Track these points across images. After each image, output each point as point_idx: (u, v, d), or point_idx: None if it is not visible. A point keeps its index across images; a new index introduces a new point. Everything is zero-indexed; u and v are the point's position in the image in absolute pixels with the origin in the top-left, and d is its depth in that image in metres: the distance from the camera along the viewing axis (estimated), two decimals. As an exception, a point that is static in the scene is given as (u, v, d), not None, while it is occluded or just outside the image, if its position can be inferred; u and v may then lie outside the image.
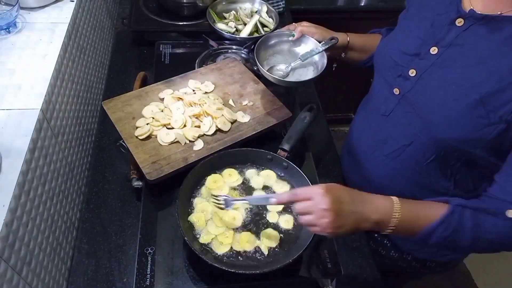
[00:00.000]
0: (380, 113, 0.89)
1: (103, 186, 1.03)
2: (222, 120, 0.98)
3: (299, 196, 0.69)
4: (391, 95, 0.86)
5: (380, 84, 0.91)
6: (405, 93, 0.82)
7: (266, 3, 1.48)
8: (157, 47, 1.29)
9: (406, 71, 0.81)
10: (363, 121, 0.99)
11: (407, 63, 0.81)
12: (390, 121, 0.87)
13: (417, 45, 0.80)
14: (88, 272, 0.88)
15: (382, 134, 0.90)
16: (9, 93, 0.86)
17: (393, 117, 0.86)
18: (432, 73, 0.77)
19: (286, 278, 0.80)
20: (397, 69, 0.83)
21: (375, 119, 0.92)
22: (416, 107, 0.80)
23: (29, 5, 1.07)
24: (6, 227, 0.66)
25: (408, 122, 0.82)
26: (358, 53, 1.04)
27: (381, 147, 0.90)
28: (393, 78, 0.85)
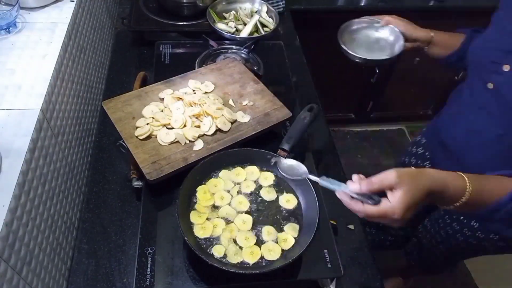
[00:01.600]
0: (476, 106, 0.95)
1: (103, 186, 1.03)
2: (222, 120, 0.98)
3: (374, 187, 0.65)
4: (485, 89, 0.92)
5: (474, 79, 0.97)
6: (499, 86, 0.88)
7: (266, 3, 1.47)
8: (157, 47, 1.29)
9: (500, 67, 0.87)
10: (456, 114, 1.05)
11: (501, 59, 0.87)
12: (485, 113, 0.93)
13: (511, 42, 0.86)
14: (88, 272, 0.88)
15: (478, 125, 0.95)
16: (9, 93, 0.86)
17: (488, 108, 0.92)
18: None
19: (286, 278, 0.80)
20: (491, 65, 0.89)
21: (469, 111, 0.98)
22: (509, 100, 0.86)
23: (29, 5, 1.07)
24: (6, 227, 0.66)
25: (503, 114, 0.89)
26: (440, 48, 1.10)
27: (479, 137, 0.96)
28: (487, 73, 0.91)
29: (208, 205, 0.86)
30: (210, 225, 0.82)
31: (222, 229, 0.82)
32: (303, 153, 1.04)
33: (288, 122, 1.07)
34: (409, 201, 0.64)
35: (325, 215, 0.89)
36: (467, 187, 0.69)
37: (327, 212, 0.90)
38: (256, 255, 0.79)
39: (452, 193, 0.69)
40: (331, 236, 0.87)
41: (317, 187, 0.91)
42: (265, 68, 1.25)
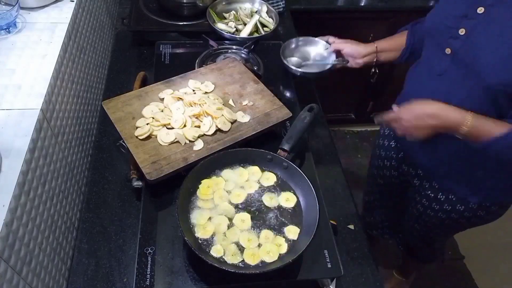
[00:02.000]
0: (435, 74, 0.98)
1: (103, 186, 1.03)
2: (222, 120, 0.98)
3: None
4: (443, 55, 0.95)
5: (432, 48, 1.00)
6: (456, 50, 0.91)
7: (266, 3, 1.48)
8: (157, 47, 1.29)
9: (456, 32, 0.91)
10: (417, 85, 1.08)
11: (456, 24, 0.91)
12: (445, 79, 0.96)
13: (464, 7, 0.90)
14: (88, 272, 0.88)
15: (439, 92, 0.97)
16: (9, 93, 0.86)
17: (447, 75, 0.95)
18: (480, 30, 0.87)
19: (286, 278, 0.80)
20: (448, 31, 0.93)
21: (429, 80, 1.01)
22: (468, 62, 0.89)
23: (29, 5, 1.07)
24: (6, 227, 0.66)
25: (462, 78, 0.92)
26: (388, 53, 1.20)
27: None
28: (444, 39, 0.94)
29: (208, 199, 0.87)
30: (211, 225, 0.82)
31: (223, 229, 0.82)
32: (303, 153, 1.05)
33: (288, 122, 1.07)
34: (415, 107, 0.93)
35: (325, 215, 0.89)
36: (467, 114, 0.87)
37: (327, 212, 0.90)
38: (257, 257, 0.79)
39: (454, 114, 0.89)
40: (331, 236, 0.87)
41: (317, 187, 0.91)
42: (265, 68, 1.25)
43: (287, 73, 1.28)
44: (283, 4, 1.63)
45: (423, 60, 1.06)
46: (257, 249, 0.80)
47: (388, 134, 1.29)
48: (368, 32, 1.95)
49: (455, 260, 2.05)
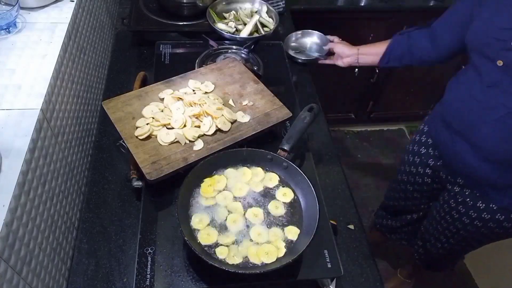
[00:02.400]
0: (486, 85, 0.98)
1: (103, 186, 1.03)
2: (222, 120, 0.98)
3: None
4: (494, 67, 0.94)
5: (480, 60, 0.99)
6: (509, 63, 0.91)
7: (266, 3, 1.48)
8: (157, 47, 1.29)
9: (508, 44, 0.90)
10: (463, 95, 1.06)
11: (509, 37, 0.90)
12: (497, 90, 0.95)
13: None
14: (88, 272, 0.88)
15: (491, 102, 0.97)
16: (9, 93, 0.86)
17: (500, 85, 0.95)
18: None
19: (286, 278, 0.80)
20: (498, 44, 0.92)
21: (478, 91, 1.00)
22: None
23: (29, 5, 1.07)
24: (6, 227, 0.66)
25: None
26: (369, 56, 1.31)
27: (491, 113, 0.98)
28: (495, 52, 0.94)
29: (210, 197, 0.87)
30: (212, 228, 0.82)
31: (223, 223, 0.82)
32: (303, 153, 1.05)
33: (288, 122, 1.07)
34: None
35: (325, 215, 0.89)
36: None
37: (327, 212, 0.90)
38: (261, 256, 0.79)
39: None
40: (331, 236, 0.87)
41: (317, 187, 0.91)
42: (265, 68, 1.24)
43: (287, 72, 1.29)
44: (283, 4, 1.63)
45: (469, 70, 1.05)
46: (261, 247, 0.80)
47: (424, 141, 1.28)
48: (368, 32, 1.96)
49: (455, 260, 2.05)
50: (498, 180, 1.04)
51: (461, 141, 1.07)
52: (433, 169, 1.26)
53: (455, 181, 1.17)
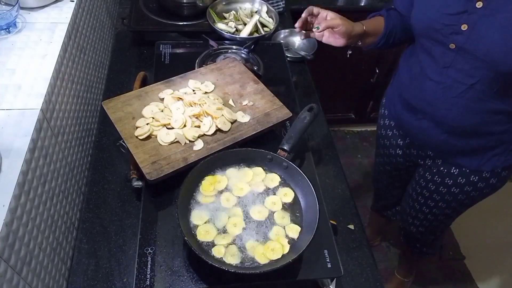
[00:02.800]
0: (440, 67, 0.99)
1: (103, 186, 1.03)
2: (222, 120, 0.98)
3: None
4: (447, 50, 0.96)
5: (431, 44, 1.00)
6: (461, 45, 0.93)
7: (266, 3, 1.48)
8: (157, 47, 1.29)
9: (458, 27, 0.92)
10: (418, 76, 1.08)
11: (456, 21, 0.92)
12: (452, 70, 0.97)
13: (461, 4, 0.91)
14: (88, 272, 0.88)
15: (447, 81, 0.99)
16: (9, 93, 0.86)
17: (455, 66, 0.97)
18: (483, 22, 0.88)
19: (286, 278, 0.80)
20: (448, 28, 0.94)
21: (434, 72, 1.01)
22: (477, 53, 0.91)
23: (29, 5, 1.07)
24: (6, 227, 0.66)
25: (472, 66, 0.93)
26: (371, 38, 1.15)
27: (448, 91, 1.00)
28: (445, 36, 0.95)
29: (210, 195, 0.87)
30: (212, 226, 0.82)
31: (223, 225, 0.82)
32: (303, 153, 1.05)
33: (288, 122, 1.07)
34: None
35: (325, 215, 0.89)
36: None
37: (327, 212, 0.90)
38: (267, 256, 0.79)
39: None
40: (331, 236, 0.87)
41: (317, 187, 0.91)
42: (265, 68, 1.24)
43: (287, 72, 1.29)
44: (283, 4, 1.63)
45: (420, 52, 1.06)
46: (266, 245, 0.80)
47: (388, 124, 1.31)
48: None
49: (455, 260, 2.05)
50: (465, 147, 1.08)
51: (424, 119, 1.10)
52: (403, 148, 1.28)
53: (426, 154, 1.21)
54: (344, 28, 1.03)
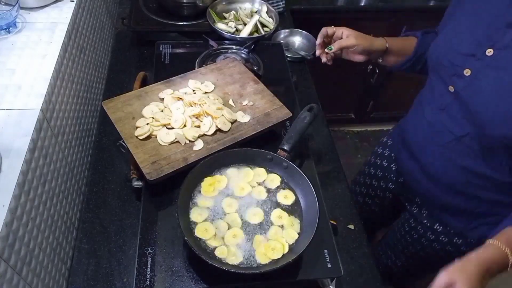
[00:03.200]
0: (437, 107, 0.94)
1: (103, 186, 1.03)
2: (222, 120, 0.98)
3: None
4: (446, 92, 0.90)
5: (435, 80, 0.95)
6: (459, 90, 0.86)
7: (266, 3, 1.48)
8: (157, 47, 1.29)
9: (461, 70, 0.85)
10: (418, 115, 1.03)
11: (462, 63, 0.85)
12: (446, 114, 0.92)
13: (473, 46, 0.83)
14: (88, 272, 0.88)
15: (439, 126, 0.94)
16: (9, 93, 0.86)
17: (449, 111, 0.91)
18: (487, 74, 0.81)
19: (286, 278, 0.80)
20: (452, 68, 0.87)
21: (430, 112, 0.97)
22: (470, 104, 0.84)
23: (29, 5, 1.07)
24: (6, 227, 0.66)
25: (463, 116, 0.88)
26: (395, 57, 1.07)
27: (438, 137, 0.95)
28: (448, 76, 0.89)
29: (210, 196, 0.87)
30: (212, 226, 0.82)
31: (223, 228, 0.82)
32: (303, 153, 1.05)
33: (288, 122, 1.07)
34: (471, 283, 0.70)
35: (325, 215, 0.89)
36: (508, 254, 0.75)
37: (327, 212, 0.90)
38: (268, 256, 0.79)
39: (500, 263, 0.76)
40: (331, 236, 0.87)
41: (317, 187, 0.91)
42: (265, 68, 1.25)
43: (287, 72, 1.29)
44: (283, 4, 1.63)
45: (427, 89, 1.02)
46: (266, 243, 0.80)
47: (388, 155, 1.23)
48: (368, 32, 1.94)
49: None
50: (452, 204, 1.01)
51: (413, 160, 1.05)
52: (396, 185, 1.22)
53: (413, 200, 1.14)
54: (360, 48, 1.01)
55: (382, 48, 1.04)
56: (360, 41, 1.00)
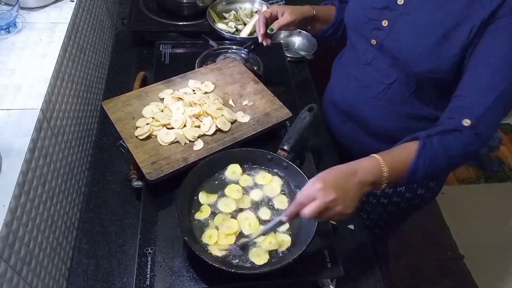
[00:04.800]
0: (362, 63, 1.00)
1: (103, 186, 1.03)
2: (222, 120, 0.98)
3: (304, 201, 0.70)
4: (369, 46, 0.97)
5: (357, 39, 1.01)
6: (381, 41, 0.94)
7: (266, 3, 1.48)
8: (157, 47, 1.29)
9: (379, 23, 0.93)
10: (344, 75, 1.09)
11: (379, 16, 0.93)
12: (372, 68, 0.99)
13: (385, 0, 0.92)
14: (88, 272, 0.88)
15: (367, 80, 1.01)
16: (9, 93, 0.86)
17: (374, 63, 0.98)
18: (402, 20, 0.90)
19: (286, 278, 0.80)
20: (371, 23, 0.95)
21: (356, 70, 1.03)
22: (393, 51, 0.92)
23: (29, 5, 1.07)
24: (6, 227, 0.66)
25: (389, 65, 0.95)
26: (320, 24, 1.15)
27: (368, 91, 1.01)
28: (368, 31, 0.96)
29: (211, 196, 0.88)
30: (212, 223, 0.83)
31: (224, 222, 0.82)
32: (303, 153, 1.04)
33: (288, 122, 1.07)
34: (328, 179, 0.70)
35: (325, 215, 0.89)
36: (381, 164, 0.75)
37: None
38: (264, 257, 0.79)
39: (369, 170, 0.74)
40: (331, 236, 0.87)
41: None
42: (265, 68, 1.25)
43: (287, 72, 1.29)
44: (283, 4, 1.63)
45: (348, 50, 1.07)
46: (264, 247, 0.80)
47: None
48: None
49: (454, 260, 2.05)
50: None
51: (349, 121, 1.09)
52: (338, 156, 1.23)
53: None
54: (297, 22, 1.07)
55: (311, 15, 1.11)
56: (294, 15, 1.06)
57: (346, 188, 0.71)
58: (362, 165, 0.75)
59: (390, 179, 0.75)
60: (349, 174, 0.73)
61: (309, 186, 0.70)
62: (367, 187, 0.74)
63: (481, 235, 2.13)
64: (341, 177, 0.72)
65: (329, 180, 0.70)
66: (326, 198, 0.68)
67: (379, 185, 0.76)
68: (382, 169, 0.74)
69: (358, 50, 1.01)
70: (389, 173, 0.75)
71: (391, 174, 0.75)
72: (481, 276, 1.99)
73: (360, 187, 0.72)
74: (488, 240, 2.12)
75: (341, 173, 0.73)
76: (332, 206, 0.68)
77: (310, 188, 0.70)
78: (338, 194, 0.68)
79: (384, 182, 0.75)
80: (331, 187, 0.69)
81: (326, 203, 0.68)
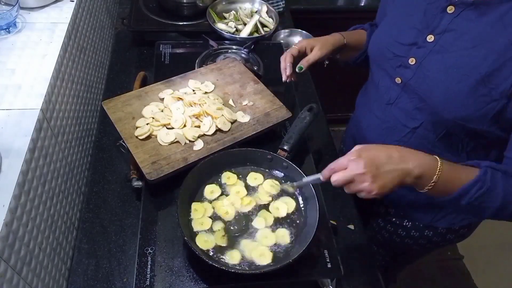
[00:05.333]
0: (384, 103, 0.93)
1: (103, 186, 1.03)
2: (222, 120, 0.98)
3: (335, 168, 0.70)
4: (393, 85, 0.90)
5: (380, 75, 0.94)
6: (407, 81, 0.86)
7: (266, 3, 1.48)
8: (157, 47, 1.29)
9: (406, 61, 0.85)
10: (367, 112, 1.02)
11: (405, 53, 0.85)
12: (396, 108, 0.91)
13: (413, 35, 0.84)
14: (88, 272, 0.88)
15: (390, 121, 0.93)
16: (9, 93, 0.86)
17: (398, 104, 0.90)
18: (431, 60, 0.81)
19: (286, 278, 0.80)
20: (396, 60, 0.87)
21: (379, 109, 0.96)
22: (420, 93, 0.84)
23: (29, 5, 1.07)
24: (6, 227, 0.66)
25: (415, 107, 0.87)
26: (351, 51, 1.07)
27: (391, 133, 0.93)
28: (393, 68, 0.88)
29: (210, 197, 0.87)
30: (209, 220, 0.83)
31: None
32: (303, 153, 1.05)
33: (288, 122, 1.07)
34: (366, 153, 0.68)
35: (325, 215, 0.89)
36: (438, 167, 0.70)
37: (327, 212, 0.90)
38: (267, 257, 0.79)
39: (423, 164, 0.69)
40: (331, 236, 0.87)
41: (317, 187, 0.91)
42: (265, 68, 1.25)
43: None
44: (283, 4, 1.63)
45: (371, 85, 1.00)
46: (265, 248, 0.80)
47: None
48: (368, 32, 1.96)
49: (454, 260, 2.05)
50: (415, 200, 1.00)
51: None
52: None
53: (380, 201, 1.14)
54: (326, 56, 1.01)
55: (341, 44, 1.03)
56: (325, 50, 0.99)
57: (382, 168, 0.67)
58: (419, 156, 0.70)
59: (436, 187, 0.70)
60: (396, 157, 0.68)
61: (347, 155, 0.70)
62: (410, 178, 0.69)
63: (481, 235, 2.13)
64: (382, 156, 0.68)
65: (365, 155, 0.68)
66: (355, 170, 0.66)
67: (422, 186, 0.71)
68: (436, 172, 0.69)
69: (380, 87, 0.93)
70: (439, 180, 0.70)
71: (440, 183, 0.70)
72: (481, 276, 1.99)
73: (402, 175, 0.68)
74: (488, 240, 2.12)
75: (385, 153, 0.69)
76: (359, 180, 0.67)
77: (345, 157, 0.69)
78: (369, 170, 0.66)
79: (429, 186, 0.70)
80: (364, 162, 0.66)
81: (353, 175, 0.67)
